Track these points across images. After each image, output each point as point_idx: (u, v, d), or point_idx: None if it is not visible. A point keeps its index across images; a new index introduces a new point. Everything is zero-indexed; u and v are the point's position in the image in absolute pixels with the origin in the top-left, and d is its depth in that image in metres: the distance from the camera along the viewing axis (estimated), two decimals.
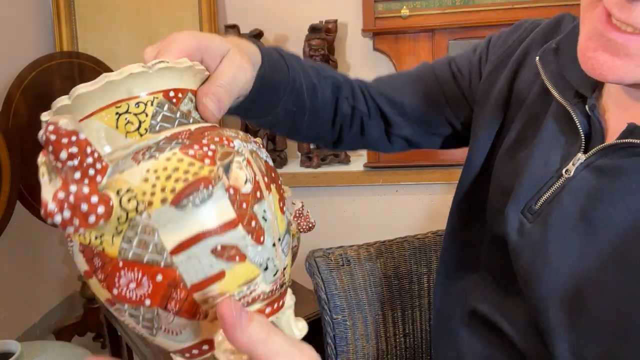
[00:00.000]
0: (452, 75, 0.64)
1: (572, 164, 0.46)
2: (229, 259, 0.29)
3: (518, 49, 0.57)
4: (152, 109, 0.32)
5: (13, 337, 1.59)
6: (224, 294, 0.30)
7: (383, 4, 1.69)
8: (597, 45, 0.39)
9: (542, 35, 0.56)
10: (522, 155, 0.51)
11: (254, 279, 0.31)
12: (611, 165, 0.43)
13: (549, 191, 0.47)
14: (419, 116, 0.65)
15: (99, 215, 0.27)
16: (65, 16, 1.92)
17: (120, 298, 0.29)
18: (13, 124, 1.50)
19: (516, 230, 0.48)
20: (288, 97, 0.55)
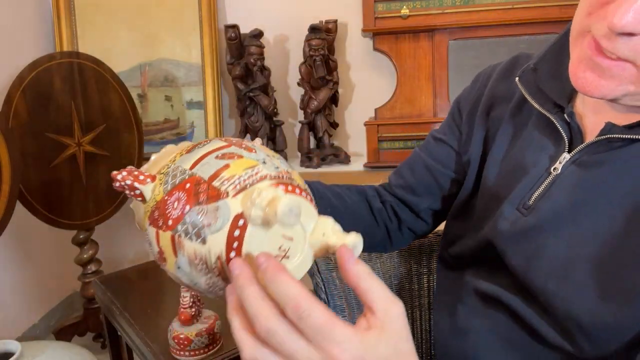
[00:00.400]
0: (439, 140, 0.74)
1: (559, 162, 0.55)
2: (229, 158, 0.42)
3: (484, 91, 0.68)
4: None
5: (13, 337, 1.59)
6: (234, 176, 0.41)
7: (383, 4, 1.69)
8: (587, 67, 0.47)
9: (503, 74, 0.67)
10: (512, 162, 0.60)
11: (255, 166, 0.42)
12: (593, 159, 0.52)
13: (541, 187, 0.55)
14: (426, 187, 0.74)
15: (147, 175, 0.44)
16: (65, 16, 1.91)
17: (174, 221, 0.40)
18: (13, 124, 1.50)
19: (511, 224, 0.56)
20: (320, 201, 0.64)
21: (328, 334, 0.35)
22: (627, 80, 0.46)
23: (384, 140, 1.75)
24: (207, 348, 0.89)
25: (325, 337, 0.35)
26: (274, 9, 1.91)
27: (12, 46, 1.79)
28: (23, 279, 1.86)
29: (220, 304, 1.07)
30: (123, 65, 1.93)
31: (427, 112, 1.74)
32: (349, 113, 1.97)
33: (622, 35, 0.43)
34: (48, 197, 1.61)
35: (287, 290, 0.35)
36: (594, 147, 0.52)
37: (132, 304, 1.10)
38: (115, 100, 1.73)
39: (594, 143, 0.52)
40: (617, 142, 0.51)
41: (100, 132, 1.70)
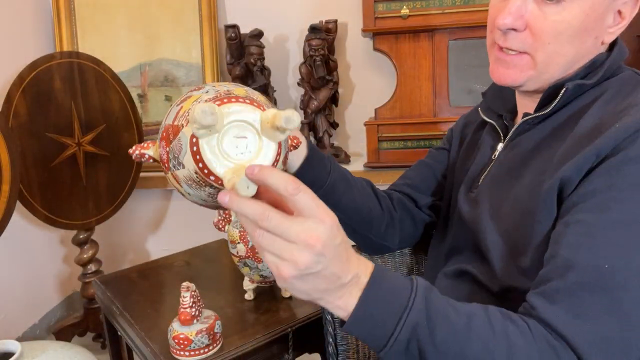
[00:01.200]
0: (439, 148, 0.93)
1: (497, 150, 0.75)
2: (183, 101, 0.55)
3: (460, 123, 0.92)
4: None
5: (13, 337, 1.59)
6: (185, 111, 0.52)
7: (383, 4, 1.69)
8: (498, 65, 0.68)
9: (471, 113, 0.91)
10: (470, 160, 0.81)
11: (199, 98, 0.54)
12: (515, 142, 0.72)
13: (485, 171, 0.75)
14: (428, 185, 0.90)
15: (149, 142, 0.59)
16: (65, 16, 1.91)
17: (167, 163, 0.53)
18: (13, 124, 1.50)
19: (464, 200, 0.76)
20: (333, 166, 0.78)
21: (316, 204, 0.48)
22: (527, 67, 0.65)
23: (384, 140, 1.75)
24: (207, 348, 0.89)
25: (314, 206, 0.47)
26: (274, 9, 1.91)
27: (12, 46, 1.79)
28: (23, 279, 1.86)
29: (221, 304, 1.08)
30: (123, 65, 1.93)
31: (427, 112, 1.74)
32: (349, 113, 1.96)
33: (509, 32, 0.64)
34: (48, 197, 1.61)
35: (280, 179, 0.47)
36: (516, 132, 0.72)
37: (132, 304, 1.10)
38: (115, 100, 1.73)
39: (516, 129, 0.72)
40: (529, 124, 0.70)
41: (100, 132, 1.70)
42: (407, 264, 1.00)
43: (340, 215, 0.77)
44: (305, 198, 0.47)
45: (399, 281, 0.54)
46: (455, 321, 0.52)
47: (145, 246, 2.18)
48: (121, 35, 1.93)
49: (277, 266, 0.48)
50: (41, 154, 1.58)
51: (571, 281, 0.53)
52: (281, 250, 0.47)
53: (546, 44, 0.63)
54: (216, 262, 1.32)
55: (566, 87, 0.64)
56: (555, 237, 0.58)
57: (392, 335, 0.51)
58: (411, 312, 0.51)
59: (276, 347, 0.96)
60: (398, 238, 0.88)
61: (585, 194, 0.57)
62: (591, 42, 0.64)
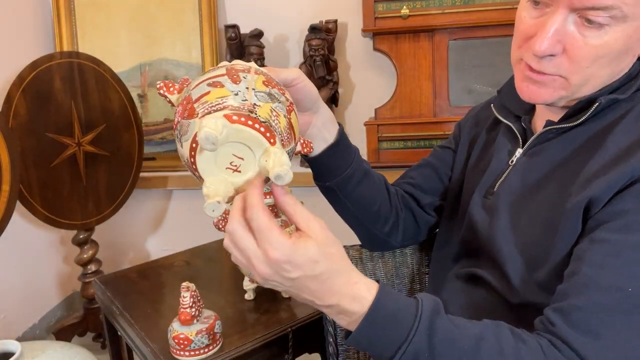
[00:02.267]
0: (443, 146, 0.91)
1: (515, 156, 0.72)
2: (214, 86, 0.54)
3: (469, 119, 0.89)
4: None
5: (13, 337, 1.59)
6: (207, 102, 0.53)
7: (383, 4, 1.69)
8: (529, 83, 0.64)
9: (484, 105, 0.88)
10: (484, 163, 0.78)
11: (226, 97, 0.53)
12: (536, 149, 0.69)
13: (502, 177, 0.72)
14: (431, 185, 0.89)
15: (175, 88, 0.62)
16: (65, 16, 1.91)
17: (175, 125, 0.56)
18: (13, 124, 1.50)
19: (478, 206, 0.73)
20: (356, 158, 0.78)
21: (266, 236, 0.49)
22: (559, 87, 0.62)
23: (384, 140, 1.75)
24: (207, 348, 0.88)
25: (264, 237, 0.49)
26: (274, 9, 1.91)
27: (12, 46, 1.79)
28: (23, 279, 1.86)
29: (221, 304, 1.08)
30: (123, 65, 1.93)
31: (427, 112, 1.74)
32: (349, 113, 1.96)
33: (545, 57, 0.60)
34: (48, 197, 1.61)
35: (251, 198, 0.50)
36: (537, 140, 0.69)
37: (132, 304, 1.10)
38: (115, 100, 1.73)
39: (537, 137, 0.69)
40: (552, 133, 0.67)
41: (100, 132, 1.70)
42: (407, 264, 0.99)
43: (350, 207, 0.82)
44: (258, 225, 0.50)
45: (403, 307, 0.53)
46: (462, 347, 0.52)
47: (145, 246, 2.18)
48: (121, 35, 1.93)
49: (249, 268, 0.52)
50: (41, 154, 1.58)
51: (592, 300, 0.52)
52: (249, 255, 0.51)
53: (584, 68, 0.59)
54: (216, 262, 1.32)
55: (599, 102, 0.62)
56: (578, 253, 0.57)
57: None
58: (411, 343, 0.51)
59: (276, 347, 0.96)
60: (401, 236, 0.87)
61: (614, 213, 0.55)
62: (629, 60, 0.62)
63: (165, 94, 0.60)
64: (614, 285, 0.52)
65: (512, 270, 0.64)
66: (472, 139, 0.85)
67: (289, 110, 0.57)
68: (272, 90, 0.57)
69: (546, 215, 0.62)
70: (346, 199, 0.80)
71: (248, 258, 0.51)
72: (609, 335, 0.51)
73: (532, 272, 0.62)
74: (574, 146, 0.65)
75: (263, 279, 0.51)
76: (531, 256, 0.63)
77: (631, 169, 0.55)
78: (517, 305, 0.64)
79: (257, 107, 0.53)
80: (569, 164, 0.64)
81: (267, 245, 0.49)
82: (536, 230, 0.63)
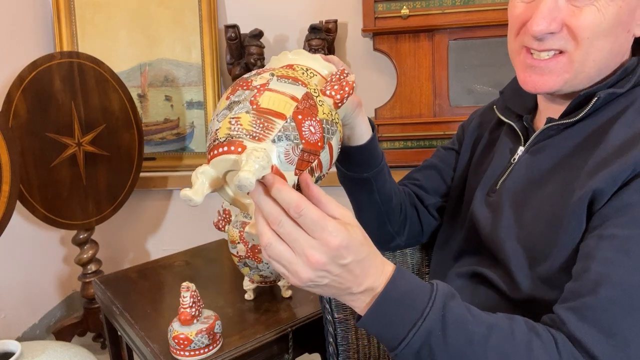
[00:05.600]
0: (447, 147, 0.92)
1: (517, 154, 0.72)
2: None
3: (473, 121, 0.89)
4: None
5: (13, 337, 1.59)
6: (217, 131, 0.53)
7: (383, 4, 1.69)
8: (530, 72, 0.64)
9: (487, 107, 0.88)
10: (487, 162, 0.78)
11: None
12: (538, 147, 0.69)
13: (504, 176, 0.72)
14: (434, 185, 0.89)
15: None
16: (65, 16, 1.91)
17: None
18: (13, 124, 1.50)
19: (480, 204, 0.74)
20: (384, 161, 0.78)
21: (321, 226, 0.48)
22: (563, 70, 0.62)
23: (384, 140, 1.75)
24: (207, 348, 0.88)
25: (319, 227, 0.48)
26: (274, 9, 1.91)
27: (12, 46, 1.79)
28: (23, 279, 1.86)
29: (221, 304, 1.08)
30: (123, 65, 1.93)
31: (427, 112, 1.74)
32: None
33: (545, 37, 0.61)
34: (48, 197, 1.61)
35: (288, 196, 0.48)
36: (539, 137, 0.70)
37: (132, 304, 1.10)
38: (115, 100, 1.73)
39: (539, 134, 0.69)
40: (553, 130, 0.68)
41: (100, 132, 1.70)
42: (407, 264, 0.99)
43: (378, 200, 0.82)
44: (311, 218, 0.48)
45: (419, 286, 0.53)
46: (473, 331, 0.52)
47: (145, 246, 2.18)
48: (121, 35, 1.93)
49: (284, 275, 0.51)
50: (41, 154, 1.58)
51: (604, 298, 0.52)
52: (301, 248, 0.49)
53: (585, 38, 0.60)
54: (216, 262, 1.32)
55: (598, 96, 0.62)
56: (587, 250, 0.56)
57: (404, 339, 0.51)
58: (426, 320, 0.51)
59: (276, 347, 0.96)
60: (406, 235, 0.88)
61: (620, 207, 0.55)
62: (624, 36, 0.62)
63: None
64: (626, 281, 0.52)
65: (516, 266, 0.64)
66: (475, 139, 0.86)
67: (253, 102, 0.53)
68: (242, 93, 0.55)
69: (550, 211, 0.62)
70: (378, 190, 0.80)
71: (301, 250, 0.49)
72: (623, 332, 0.51)
73: (536, 267, 0.62)
74: (575, 142, 0.65)
75: (315, 270, 0.49)
76: (535, 251, 0.63)
77: (633, 161, 0.55)
78: (520, 302, 0.64)
79: (218, 131, 0.52)
80: (572, 160, 0.63)
81: (326, 234, 0.48)
82: (540, 225, 0.63)
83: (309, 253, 0.48)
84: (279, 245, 0.49)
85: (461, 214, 0.81)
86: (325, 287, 0.51)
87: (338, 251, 0.48)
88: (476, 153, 0.83)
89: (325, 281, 0.50)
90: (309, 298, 1.08)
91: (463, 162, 0.86)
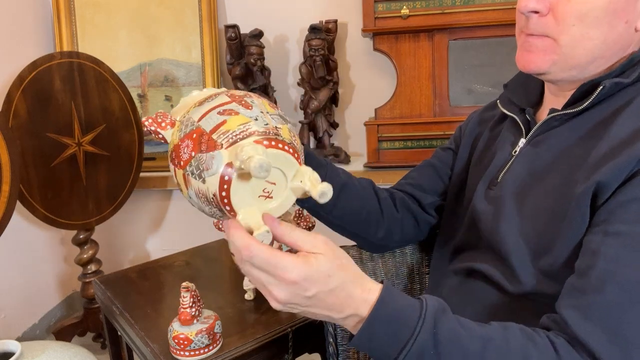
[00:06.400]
0: (445, 148, 0.91)
1: (518, 146, 0.72)
2: (228, 114, 0.52)
3: (472, 120, 0.88)
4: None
5: (13, 337, 1.59)
6: (228, 131, 0.51)
7: (383, 4, 1.69)
8: (523, 50, 0.65)
9: (486, 109, 0.88)
10: (488, 157, 0.77)
11: (247, 123, 0.52)
12: (540, 138, 0.69)
13: (505, 168, 0.71)
14: (432, 185, 0.88)
15: (167, 122, 0.58)
16: (65, 16, 1.91)
17: (185, 163, 0.52)
18: (13, 124, 1.50)
19: (481, 198, 0.72)
20: (328, 174, 0.77)
21: (273, 264, 0.49)
22: (550, 51, 0.62)
23: (384, 140, 1.75)
24: (207, 348, 0.88)
25: (272, 266, 0.49)
26: (274, 9, 1.91)
27: (12, 46, 1.79)
28: (23, 279, 1.86)
29: (221, 304, 1.08)
30: (123, 65, 1.93)
31: (427, 112, 1.74)
32: (349, 113, 1.96)
33: (532, 16, 0.62)
34: (48, 197, 1.61)
35: (238, 241, 0.50)
36: (541, 129, 0.69)
37: (132, 304, 1.10)
38: (115, 100, 1.73)
39: (541, 125, 0.69)
40: (556, 121, 0.67)
41: (100, 132, 1.70)
42: (407, 264, 0.99)
43: (334, 221, 0.81)
44: (262, 257, 0.49)
45: (408, 305, 0.53)
46: (468, 347, 0.51)
47: (145, 246, 2.18)
48: (121, 35, 1.94)
49: (266, 296, 0.52)
50: (41, 154, 1.58)
51: (609, 296, 0.51)
52: (263, 285, 0.51)
53: (570, 26, 0.60)
54: (216, 262, 1.32)
55: (603, 85, 0.61)
56: (591, 246, 0.55)
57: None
58: (417, 340, 0.50)
59: (276, 347, 0.96)
60: (398, 238, 0.87)
61: (625, 202, 0.54)
62: (622, 27, 0.60)
63: (158, 130, 0.57)
64: (632, 279, 0.51)
65: (517, 260, 0.63)
66: (475, 137, 0.85)
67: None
68: (279, 112, 0.56)
69: (552, 203, 0.61)
70: (328, 215, 0.80)
71: (266, 290, 0.52)
72: (628, 332, 0.50)
73: (538, 261, 0.61)
74: (579, 134, 0.63)
75: (283, 304, 0.51)
76: (537, 244, 0.62)
77: (638, 154, 0.54)
78: (518, 297, 0.63)
79: (279, 129, 0.53)
80: (575, 151, 0.62)
81: (280, 271, 0.49)
82: (542, 217, 0.62)
83: (271, 289, 0.50)
84: (254, 272, 0.51)
85: (460, 211, 0.80)
86: (307, 314, 0.53)
87: (297, 285, 0.49)
88: (476, 150, 0.82)
89: (298, 310, 0.52)
90: None
91: (461, 160, 0.85)
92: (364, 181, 0.84)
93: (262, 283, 0.51)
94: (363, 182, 0.84)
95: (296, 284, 0.49)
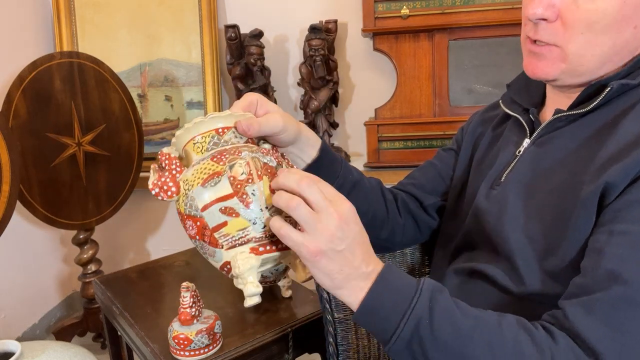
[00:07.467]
0: (447, 149, 0.91)
1: (522, 147, 0.71)
2: (229, 214, 0.56)
3: (474, 120, 0.88)
4: (208, 139, 0.61)
5: (13, 337, 1.59)
6: (228, 234, 0.56)
7: (383, 4, 1.69)
8: (530, 58, 0.66)
9: (488, 109, 0.88)
10: (491, 158, 0.77)
11: (246, 228, 0.56)
12: (545, 138, 0.68)
13: (508, 168, 0.71)
14: (434, 186, 0.88)
15: (173, 191, 0.59)
16: (65, 16, 1.92)
17: (192, 237, 0.59)
18: (13, 124, 1.50)
19: (484, 197, 0.72)
20: (343, 171, 0.77)
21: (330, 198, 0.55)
22: (557, 59, 0.62)
23: (384, 140, 1.75)
24: (207, 348, 0.88)
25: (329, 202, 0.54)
26: (274, 9, 1.91)
27: (12, 46, 1.79)
28: (23, 279, 1.86)
29: (221, 304, 1.08)
30: (123, 65, 1.93)
31: (427, 112, 1.74)
32: (349, 113, 1.97)
33: (540, 23, 0.61)
34: (48, 197, 1.61)
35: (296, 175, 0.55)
36: (546, 129, 0.68)
37: (132, 304, 1.10)
38: (115, 100, 1.73)
39: (546, 125, 0.68)
40: (562, 122, 0.67)
41: (100, 132, 1.70)
42: (407, 264, 0.99)
43: None
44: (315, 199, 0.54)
45: (406, 280, 0.55)
46: (461, 322, 0.52)
47: (145, 246, 2.18)
48: (121, 35, 1.94)
49: (306, 240, 0.53)
50: (41, 154, 1.58)
51: (615, 294, 0.51)
52: (306, 221, 0.53)
53: (579, 34, 0.59)
54: None
55: (611, 87, 0.60)
56: (597, 246, 0.55)
57: (396, 331, 0.53)
58: (414, 310, 0.52)
59: (276, 347, 0.96)
60: (399, 240, 0.87)
61: (632, 202, 0.54)
62: (630, 32, 0.60)
63: (164, 198, 0.60)
64: (638, 278, 0.51)
65: (521, 260, 0.63)
66: (476, 138, 0.84)
67: None
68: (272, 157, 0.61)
69: (557, 203, 0.61)
70: None
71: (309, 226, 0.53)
72: (631, 330, 0.50)
73: (543, 262, 0.61)
74: (584, 135, 0.63)
75: (323, 243, 0.53)
76: (542, 245, 0.61)
77: None
78: (524, 297, 0.63)
79: (271, 234, 0.58)
80: (580, 152, 0.62)
81: (332, 204, 0.53)
82: (546, 218, 0.61)
83: (316, 222, 0.53)
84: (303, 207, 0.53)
85: (462, 211, 0.80)
86: (341, 260, 0.54)
87: (342, 220, 0.53)
88: (478, 150, 0.82)
89: (342, 246, 0.53)
90: (309, 298, 1.08)
91: (463, 161, 0.85)
92: (373, 181, 0.84)
93: (307, 219, 0.52)
94: (372, 182, 0.84)
95: (342, 219, 0.53)
